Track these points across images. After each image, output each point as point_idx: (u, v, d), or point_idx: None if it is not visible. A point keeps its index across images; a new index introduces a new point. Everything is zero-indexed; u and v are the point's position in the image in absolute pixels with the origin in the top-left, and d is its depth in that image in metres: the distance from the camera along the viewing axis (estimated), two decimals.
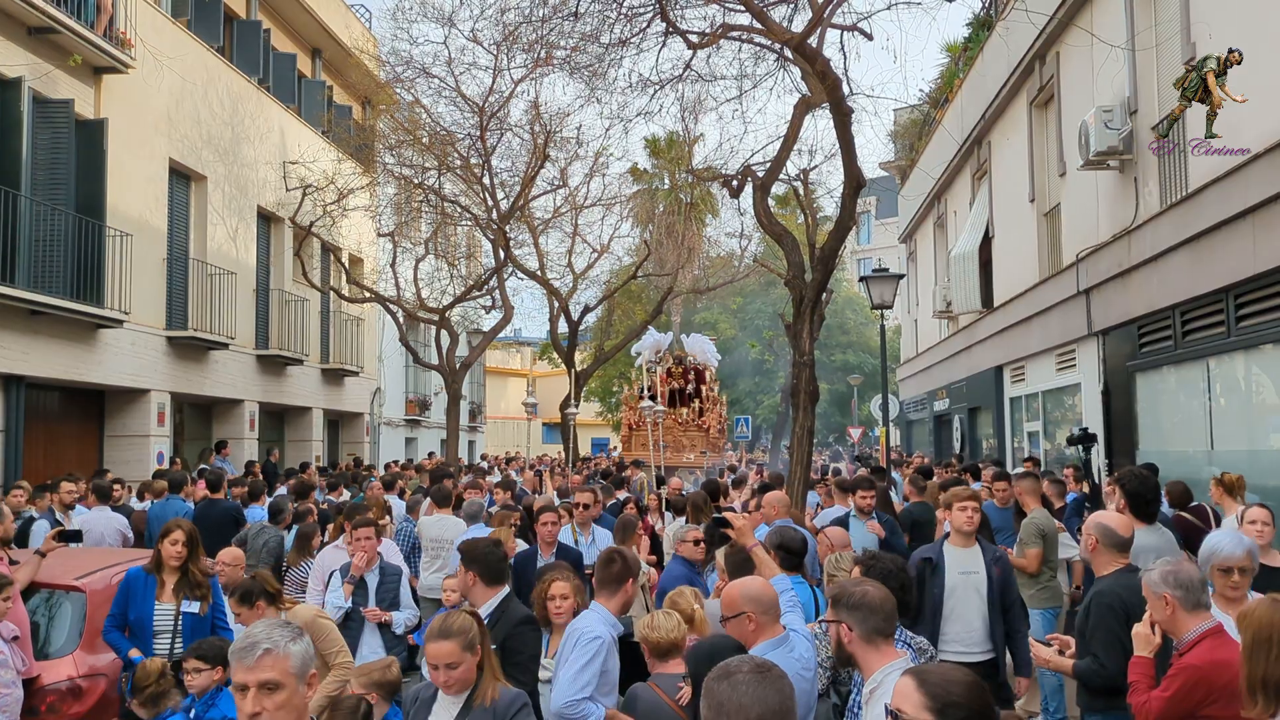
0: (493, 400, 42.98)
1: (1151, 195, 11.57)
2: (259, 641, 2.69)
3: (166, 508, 10.31)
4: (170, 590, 6.13)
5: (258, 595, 5.47)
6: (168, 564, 6.16)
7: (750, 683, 2.51)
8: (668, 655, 4.42)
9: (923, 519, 9.16)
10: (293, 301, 21.18)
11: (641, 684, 4.39)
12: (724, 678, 2.53)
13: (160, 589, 6.14)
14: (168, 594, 6.13)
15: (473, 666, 3.76)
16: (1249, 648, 3.46)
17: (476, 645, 3.77)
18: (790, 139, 11.89)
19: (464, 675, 3.74)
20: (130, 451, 16.18)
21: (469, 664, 3.75)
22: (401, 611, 6.90)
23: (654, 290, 30.09)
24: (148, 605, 6.08)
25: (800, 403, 10.94)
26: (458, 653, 3.72)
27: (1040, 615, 7.71)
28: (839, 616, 3.53)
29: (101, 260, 14.50)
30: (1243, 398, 10.15)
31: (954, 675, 2.60)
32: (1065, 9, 13.72)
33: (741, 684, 2.51)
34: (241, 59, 19.79)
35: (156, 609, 6.09)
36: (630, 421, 21.47)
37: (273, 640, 2.70)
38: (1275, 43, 8.67)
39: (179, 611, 6.10)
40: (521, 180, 21.18)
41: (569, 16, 12.14)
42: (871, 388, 33.15)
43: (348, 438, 26.06)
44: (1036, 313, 15.63)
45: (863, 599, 3.49)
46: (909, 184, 27.56)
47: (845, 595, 3.54)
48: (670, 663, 4.40)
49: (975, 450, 21.07)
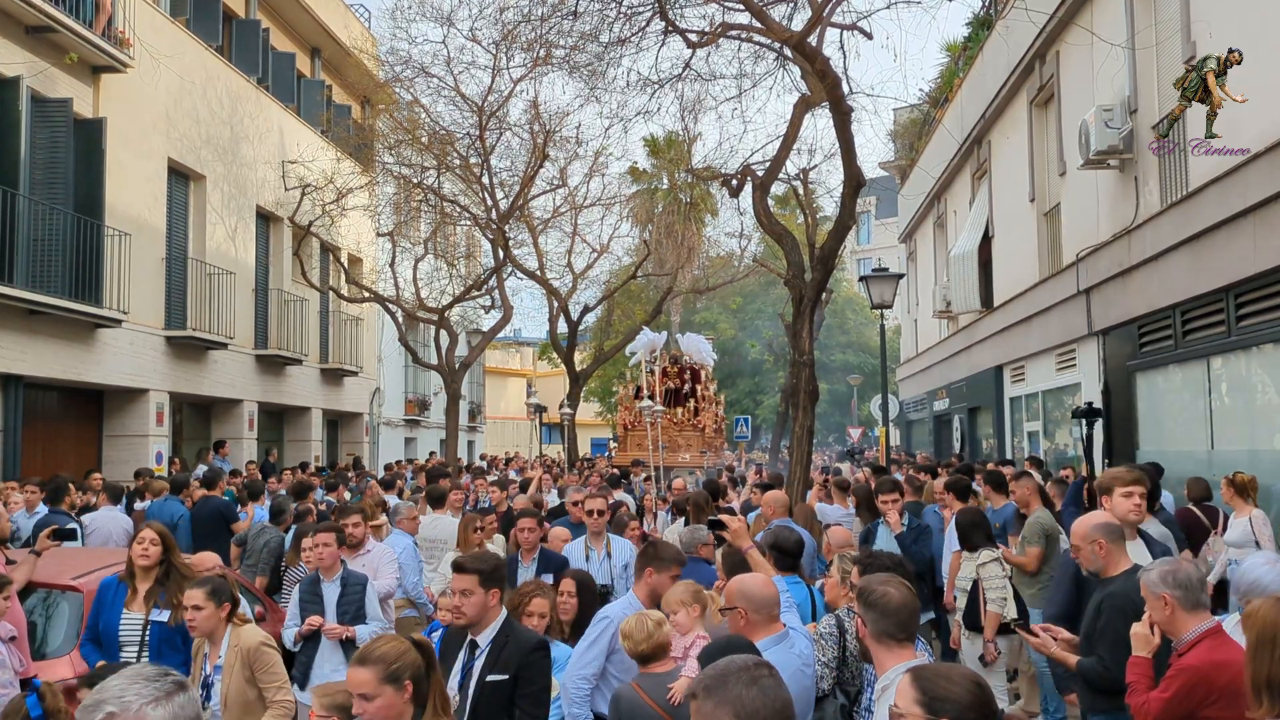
0: (492, 400, 42.96)
1: (1152, 195, 11.56)
2: (104, 702, 2.05)
3: (164, 508, 10.29)
4: (141, 598, 5.73)
5: (225, 597, 5.03)
6: (138, 569, 5.78)
7: (748, 683, 2.47)
8: (651, 659, 4.39)
9: None
10: (292, 301, 21.16)
11: (626, 685, 4.36)
12: (752, 683, 2.44)
13: (131, 596, 5.77)
14: (138, 602, 5.73)
15: (396, 704, 3.21)
16: (1253, 648, 3.43)
17: (404, 680, 3.23)
18: (790, 138, 11.89)
19: (381, 713, 3.20)
20: (129, 451, 16.16)
21: (389, 701, 3.19)
22: (367, 625, 6.29)
23: (654, 290, 30.08)
24: (115, 614, 5.72)
25: (800, 402, 10.94)
26: (374, 684, 3.19)
27: (1040, 615, 7.68)
28: (859, 610, 3.55)
29: (100, 260, 14.48)
30: (1243, 398, 10.13)
31: (948, 672, 2.64)
32: (1065, 8, 13.70)
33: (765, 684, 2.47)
34: (240, 58, 19.78)
35: (124, 618, 5.71)
36: (625, 422, 21.42)
37: (123, 703, 2.05)
38: (1275, 42, 8.65)
39: (147, 620, 5.69)
40: (521, 180, 21.16)
41: (568, 15, 12.13)
42: (871, 388, 33.13)
43: (347, 438, 26.05)
44: (1036, 312, 15.61)
45: (881, 599, 3.48)
46: (909, 184, 27.54)
47: (867, 592, 3.54)
48: (657, 664, 4.36)
49: (975, 450, 21.05)
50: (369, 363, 25.99)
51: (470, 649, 4.37)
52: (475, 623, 4.34)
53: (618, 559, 7.29)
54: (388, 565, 7.41)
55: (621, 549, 7.41)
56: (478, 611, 4.32)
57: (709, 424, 20.98)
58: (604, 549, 7.36)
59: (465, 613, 4.31)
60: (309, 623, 6.15)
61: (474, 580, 4.32)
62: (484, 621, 4.35)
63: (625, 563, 7.17)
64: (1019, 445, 17.74)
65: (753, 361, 43.60)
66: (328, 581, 6.34)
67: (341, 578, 6.36)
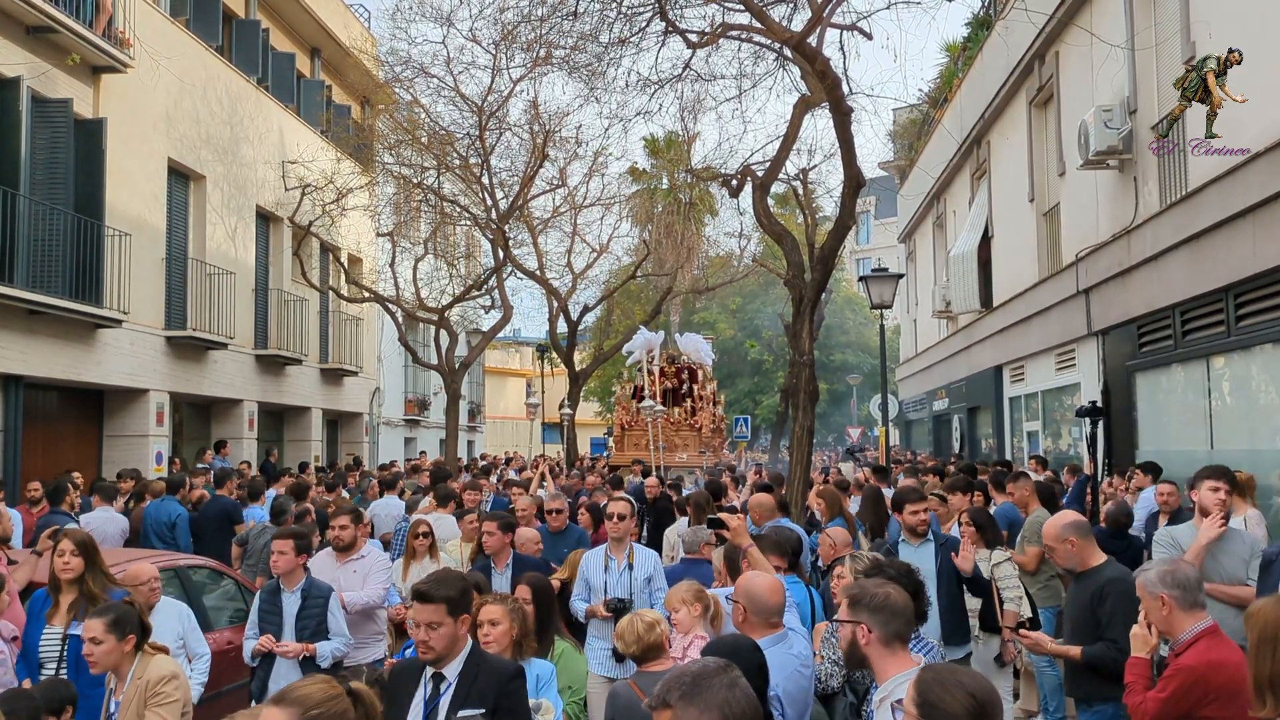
0: (492, 400, 42.97)
1: (1151, 195, 11.57)
2: None
3: (162, 508, 10.30)
4: (63, 611, 5.35)
5: (130, 628, 4.48)
6: (60, 580, 5.38)
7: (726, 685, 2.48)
8: (646, 659, 4.39)
9: None
10: (292, 301, 21.16)
11: (622, 682, 4.39)
12: (734, 685, 2.45)
13: (53, 610, 5.39)
14: (60, 615, 5.36)
15: None
16: (1255, 647, 3.43)
17: None
18: (790, 138, 11.89)
19: None
20: (129, 451, 16.14)
21: None
22: (330, 641, 5.84)
23: (653, 290, 30.06)
24: (38, 629, 5.36)
25: (800, 402, 10.94)
26: None
27: (1041, 614, 7.70)
28: (858, 617, 3.41)
29: (100, 260, 14.48)
30: (1243, 397, 10.14)
31: (947, 678, 2.63)
32: (1065, 8, 13.71)
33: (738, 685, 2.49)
34: (240, 58, 19.78)
35: (45, 633, 5.34)
36: (622, 422, 21.40)
37: None
38: (1275, 42, 8.66)
39: (66, 635, 5.27)
40: (520, 180, 21.16)
41: (568, 16, 12.12)
42: (871, 387, 33.14)
43: (347, 438, 26.05)
44: (1036, 312, 15.63)
45: (885, 601, 3.41)
46: (908, 184, 27.56)
47: (867, 596, 3.44)
48: (654, 663, 4.38)
49: (975, 450, 21.07)
50: (369, 363, 25.99)
51: (435, 682, 3.95)
52: (442, 656, 3.92)
53: (640, 571, 6.54)
54: (379, 573, 6.80)
55: (646, 560, 6.63)
56: (447, 644, 3.90)
57: (706, 424, 20.92)
58: (625, 559, 6.57)
59: (434, 647, 3.88)
60: (260, 643, 5.77)
61: (440, 610, 3.88)
62: (452, 653, 3.94)
63: (648, 575, 6.56)
64: (1018, 445, 17.75)
65: (752, 361, 43.61)
66: (288, 592, 5.88)
67: (303, 588, 5.90)
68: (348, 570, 6.74)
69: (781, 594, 4.19)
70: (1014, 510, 8.91)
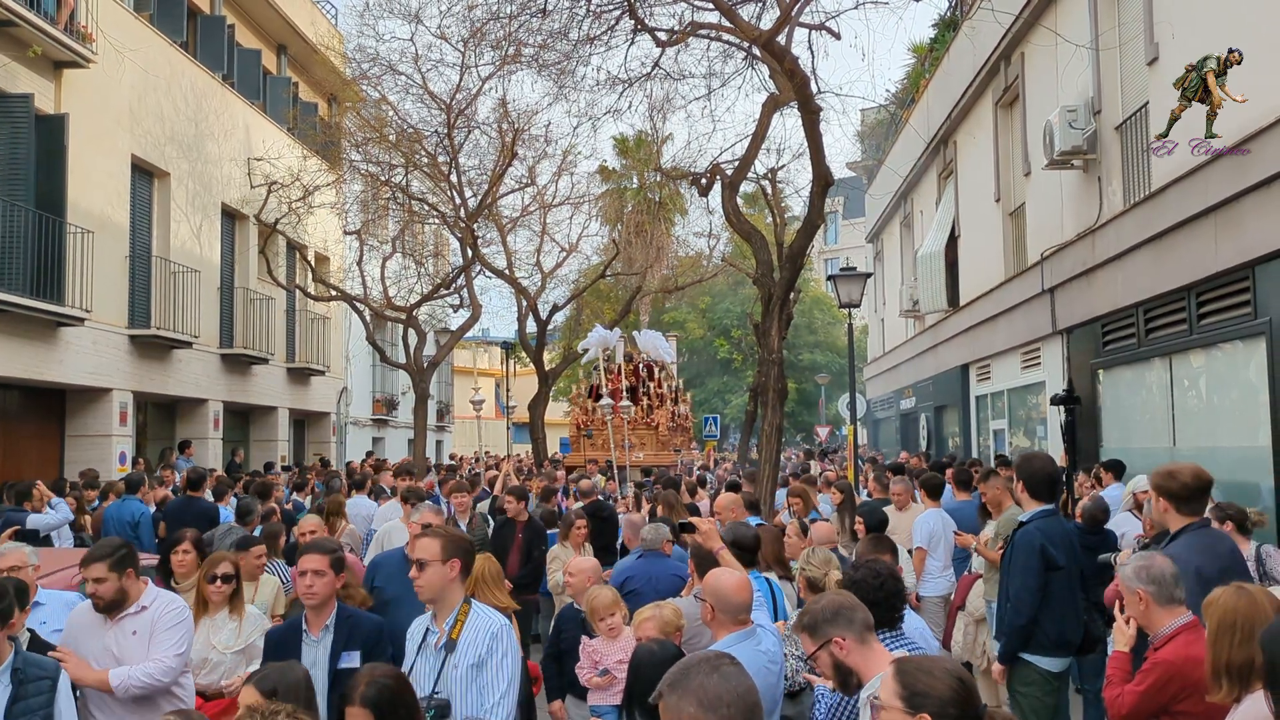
0: (460, 400, 42.73)
1: (1115, 194, 11.70)
2: None
3: (124, 508, 10.17)
4: None
5: None
6: None
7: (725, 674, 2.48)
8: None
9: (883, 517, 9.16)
10: (258, 300, 20.96)
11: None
12: (713, 671, 2.46)
13: None
14: None
15: None
16: (1213, 634, 3.52)
17: None
18: (759, 137, 11.93)
19: None
20: (92, 452, 15.92)
21: None
22: None
23: (623, 290, 30.04)
24: None
25: (769, 400, 10.96)
26: None
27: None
28: (826, 636, 3.35)
29: (62, 257, 14.26)
30: (1204, 395, 10.27)
31: (930, 665, 2.64)
32: (1030, 9, 13.83)
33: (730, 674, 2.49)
34: (205, 54, 19.56)
35: None
36: (579, 421, 21.30)
37: None
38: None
39: None
40: (489, 178, 21.06)
41: (537, 13, 12.09)
42: (839, 387, 33.27)
43: (314, 437, 25.84)
44: (1002, 311, 15.76)
45: (837, 606, 3.40)
46: (876, 184, 27.73)
47: (818, 613, 3.40)
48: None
49: (941, 448, 21.22)
50: (336, 362, 25.80)
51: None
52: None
53: (465, 653, 4.04)
54: (169, 631, 4.66)
55: (482, 634, 4.11)
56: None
57: (664, 422, 20.78)
58: (446, 631, 4.16)
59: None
60: None
61: None
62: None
63: (477, 659, 4.01)
64: (984, 443, 17.90)
65: (721, 361, 43.70)
66: None
67: (12, 667, 4.11)
68: (122, 631, 4.68)
69: (749, 591, 4.19)
70: (972, 511, 8.95)
